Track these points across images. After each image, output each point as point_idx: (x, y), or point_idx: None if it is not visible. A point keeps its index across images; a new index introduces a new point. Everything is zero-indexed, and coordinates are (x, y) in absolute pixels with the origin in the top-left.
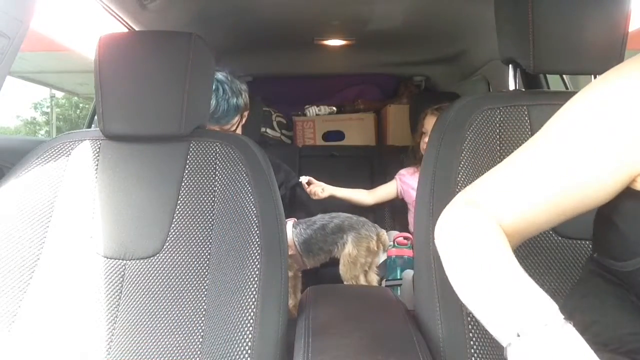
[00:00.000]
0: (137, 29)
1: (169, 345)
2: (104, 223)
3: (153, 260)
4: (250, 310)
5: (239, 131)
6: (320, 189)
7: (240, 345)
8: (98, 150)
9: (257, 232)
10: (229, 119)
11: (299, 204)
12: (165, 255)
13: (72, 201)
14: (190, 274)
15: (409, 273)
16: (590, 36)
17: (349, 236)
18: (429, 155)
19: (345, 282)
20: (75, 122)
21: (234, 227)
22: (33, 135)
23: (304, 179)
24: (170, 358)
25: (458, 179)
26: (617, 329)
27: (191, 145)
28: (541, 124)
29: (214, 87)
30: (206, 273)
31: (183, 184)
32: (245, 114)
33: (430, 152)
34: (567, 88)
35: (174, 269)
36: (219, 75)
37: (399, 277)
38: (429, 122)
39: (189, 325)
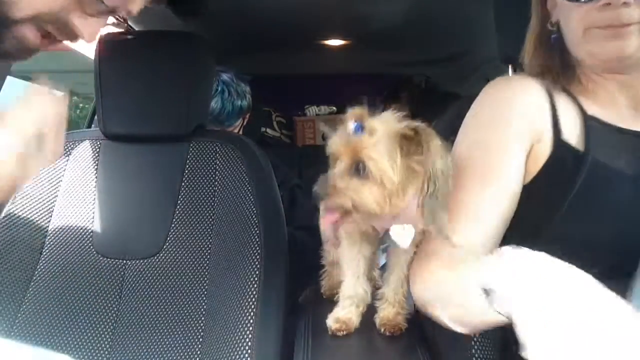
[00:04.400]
0: (137, 29)
1: (169, 345)
2: (104, 223)
3: (153, 260)
4: (250, 310)
5: (239, 132)
6: None
7: (240, 345)
8: (98, 150)
9: (257, 232)
10: (232, 122)
11: (297, 205)
12: (165, 255)
13: (72, 201)
14: (190, 274)
15: None
16: None
17: None
18: None
19: None
20: (75, 122)
21: (234, 227)
22: None
23: None
24: (170, 358)
25: None
26: None
27: (191, 145)
28: None
29: (219, 89)
30: (206, 273)
31: (183, 184)
32: (247, 115)
33: None
34: None
35: (174, 269)
36: (225, 77)
37: None
38: None
39: (189, 325)
